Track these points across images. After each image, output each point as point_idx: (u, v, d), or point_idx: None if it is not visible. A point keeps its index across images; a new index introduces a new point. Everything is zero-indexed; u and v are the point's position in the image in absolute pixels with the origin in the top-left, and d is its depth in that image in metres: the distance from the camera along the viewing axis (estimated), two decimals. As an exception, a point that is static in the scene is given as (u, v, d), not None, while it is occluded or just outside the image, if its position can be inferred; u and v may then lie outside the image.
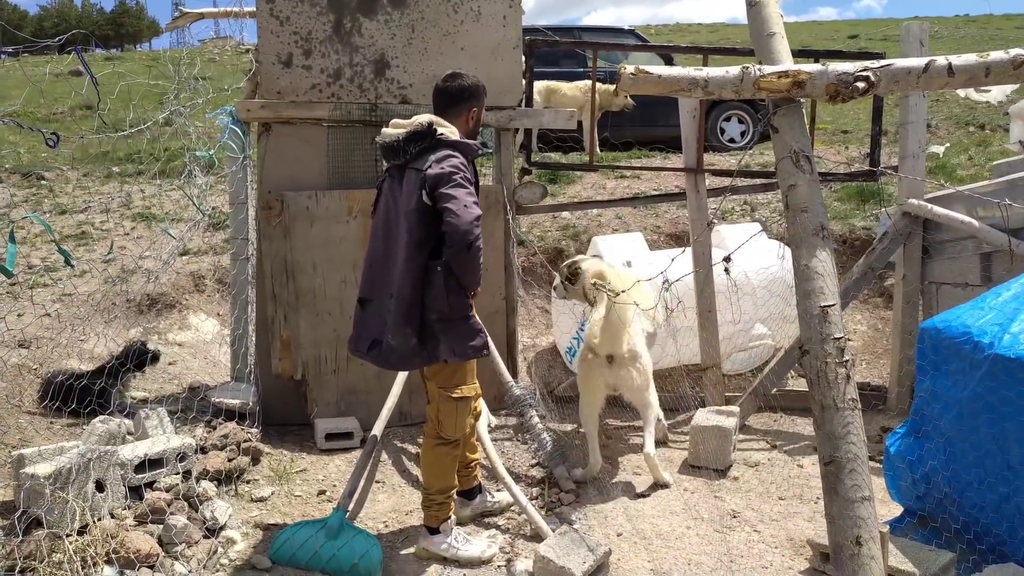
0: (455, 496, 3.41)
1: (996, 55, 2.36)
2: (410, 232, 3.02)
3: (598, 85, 6.21)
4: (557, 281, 4.30)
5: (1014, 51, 2.35)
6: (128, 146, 8.68)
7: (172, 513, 3.29)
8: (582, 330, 5.18)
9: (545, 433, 4.22)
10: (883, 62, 2.45)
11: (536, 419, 4.29)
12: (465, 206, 2.88)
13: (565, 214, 7.23)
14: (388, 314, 3.06)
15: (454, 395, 3.15)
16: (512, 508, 3.71)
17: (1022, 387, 2.85)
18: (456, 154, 3.03)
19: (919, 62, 2.41)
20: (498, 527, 3.60)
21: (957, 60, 2.39)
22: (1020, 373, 2.87)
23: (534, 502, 3.77)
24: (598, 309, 3.87)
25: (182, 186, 4.50)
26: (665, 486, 4.00)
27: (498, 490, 3.86)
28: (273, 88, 4.69)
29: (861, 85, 2.36)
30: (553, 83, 8.79)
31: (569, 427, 4.84)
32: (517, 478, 4.03)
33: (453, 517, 3.37)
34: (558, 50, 9.77)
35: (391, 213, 3.17)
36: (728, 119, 9.63)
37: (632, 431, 4.86)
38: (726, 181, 5.74)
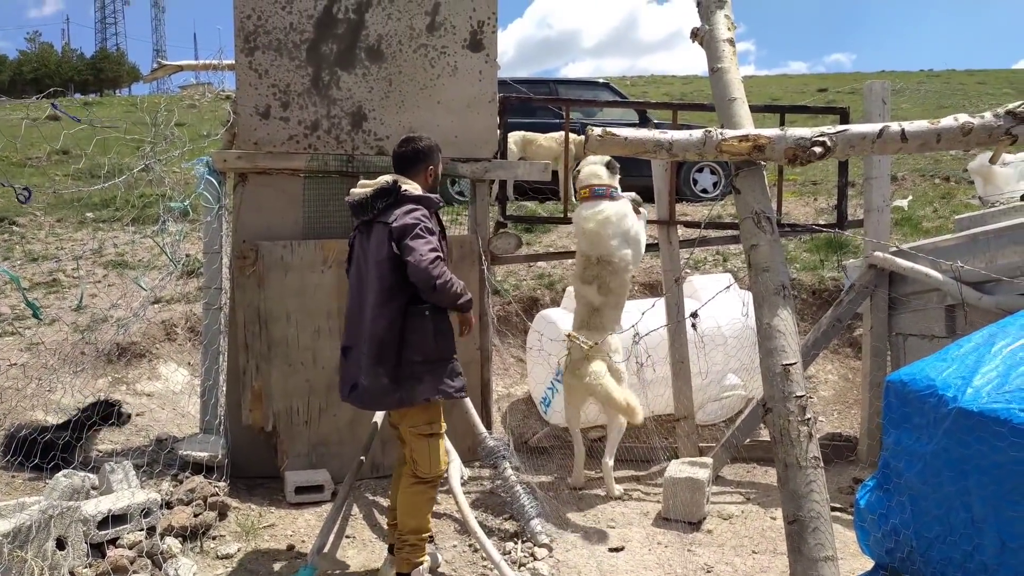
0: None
1: (946, 122, 2.46)
2: (381, 280, 3.24)
3: (572, 136, 6.33)
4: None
5: (962, 118, 2.46)
6: (104, 192, 8.65)
7: (135, 571, 3.22)
8: (557, 379, 5.20)
9: (519, 486, 4.19)
10: (839, 128, 2.54)
11: (510, 471, 4.26)
12: (421, 255, 3.13)
13: (541, 263, 7.29)
14: (362, 357, 3.25)
15: (425, 432, 3.29)
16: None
17: (984, 442, 2.90)
18: (419, 207, 3.29)
19: (873, 128, 2.51)
20: (469, 583, 3.55)
21: (910, 127, 2.49)
22: (982, 427, 2.91)
23: (507, 556, 3.72)
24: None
25: (154, 235, 4.49)
26: (614, 497, 4.48)
27: (469, 544, 3.81)
28: (250, 139, 4.73)
29: (818, 150, 2.45)
30: (529, 134, 8.95)
31: (544, 478, 4.81)
32: (489, 532, 3.98)
33: (426, 563, 3.40)
34: (532, 102, 9.95)
35: (362, 265, 3.39)
36: (700, 170, 9.82)
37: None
38: (699, 232, 5.86)
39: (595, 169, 4.75)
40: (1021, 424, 2.79)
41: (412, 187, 3.36)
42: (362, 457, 4.01)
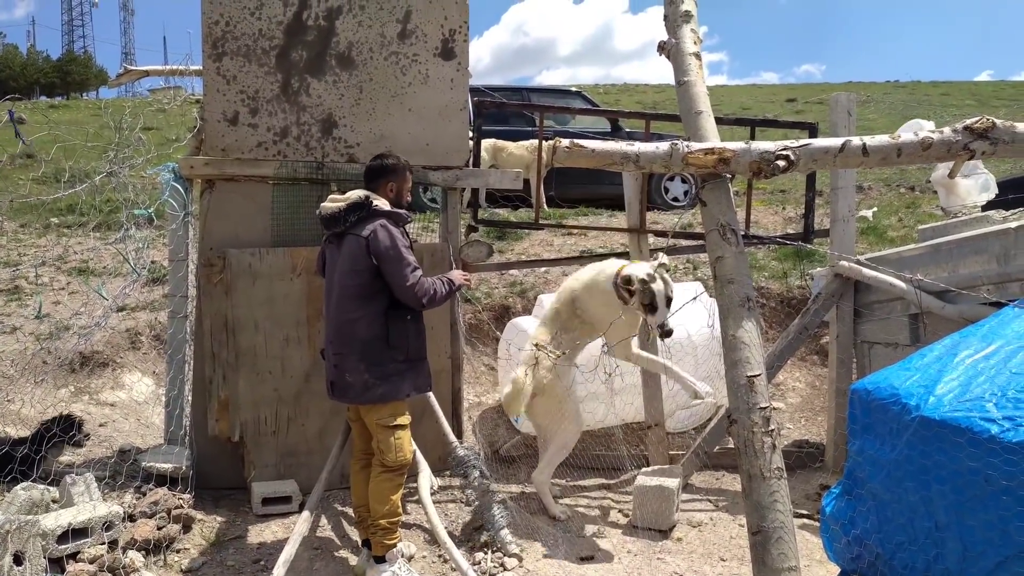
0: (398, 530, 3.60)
1: (907, 137, 2.51)
2: (360, 288, 3.49)
3: (545, 144, 6.34)
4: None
5: (923, 134, 2.51)
6: (68, 197, 8.49)
7: (95, 586, 3.14)
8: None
9: (489, 495, 4.17)
10: (802, 142, 2.58)
11: (480, 481, 4.24)
12: (407, 280, 3.43)
13: (513, 271, 7.29)
14: (341, 357, 3.51)
15: (390, 424, 3.51)
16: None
17: (947, 449, 2.94)
18: (389, 223, 3.52)
19: (836, 142, 2.54)
20: (439, 594, 3.52)
21: (871, 141, 2.53)
22: (945, 435, 2.96)
23: (476, 567, 3.70)
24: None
25: (117, 243, 4.41)
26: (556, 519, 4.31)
27: (439, 555, 3.78)
28: (218, 145, 4.68)
29: (782, 163, 2.48)
30: (501, 142, 8.96)
31: (515, 488, 4.80)
32: (459, 542, 3.96)
33: (400, 547, 3.58)
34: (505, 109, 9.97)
35: (336, 275, 3.59)
36: (672, 179, 9.90)
37: (578, 491, 4.85)
38: (669, 240, 5.91)
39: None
40: (981, 433, 2.84)
41: (382, 203, 3.59)
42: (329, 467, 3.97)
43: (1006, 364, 3.10)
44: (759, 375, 2.31)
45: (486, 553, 3.90)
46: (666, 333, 3.93)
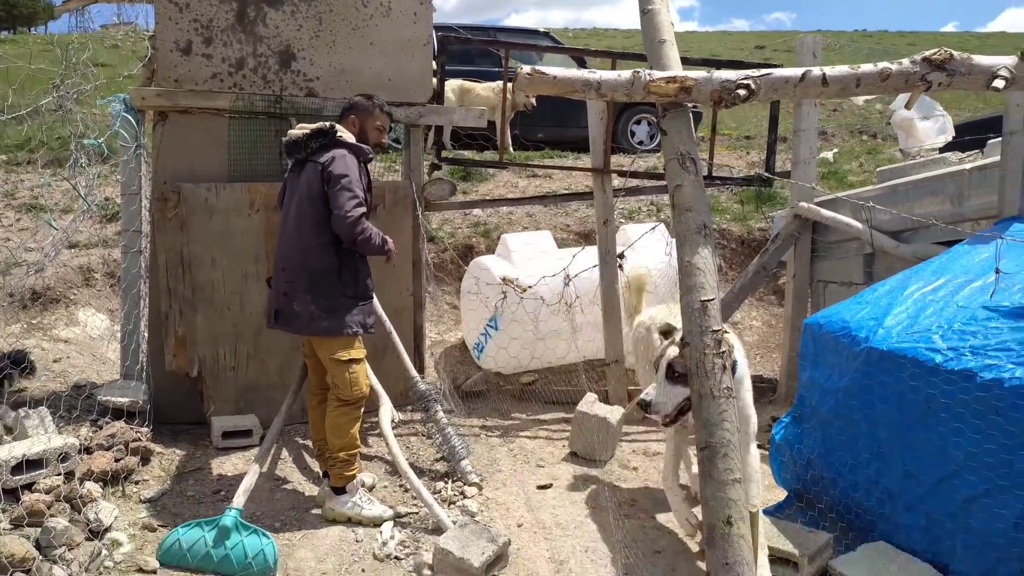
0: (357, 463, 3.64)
1: (866, 68, 2.52)
2: (315, 215, 3.46)
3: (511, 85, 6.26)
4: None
5: (881, 64, 2.52)
6: (18, 133, 8.19)
7: (52, 515, 3.13)
8: (491, 325, 5.23)
9: (449, 427, 4.23)
10: (763, 71, 2.57)
11: (441, 414, 4.29)
12: (346, 210, 3.36)
13: (476, 211, 7.26)
14: (291, 285, 3.50)
15: (343, 358, 3.50)
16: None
17: (893, 377, 3.05)
18: (349, 154, 3.49)
19: (796, 72, 2.55)
20: (400, 521, 3.58)
21: (831, 71, 2.54)
22: (891, 364, 3.06)
23: (437, 495, 3.77)
24: None
25: (68, 176, 4.28)
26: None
27: (400, 485, 3.84)
28: (171, 76, 4.52)
29: (742, 92, 2.48)
30: (468, 83, 8.82)
31: (475, 422, 4.86)
32: (421, 472, 4.02)
33: (359, 479, 3.64)
34: (473, 49, 9.80)
35: (293, 202, 3.58)
36: (638, 122, 9.86)
37: (539, 424, 4.93)
38: (634, 182, 5.90)
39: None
40: (926, 362, 2.94)
41: (347, 135, 3.58)
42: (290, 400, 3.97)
43: (953, 298, 3.20)
44: (712, 299, 2.35)
45: (447, 483, 3.97)
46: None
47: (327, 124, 3.56)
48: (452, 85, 8.60)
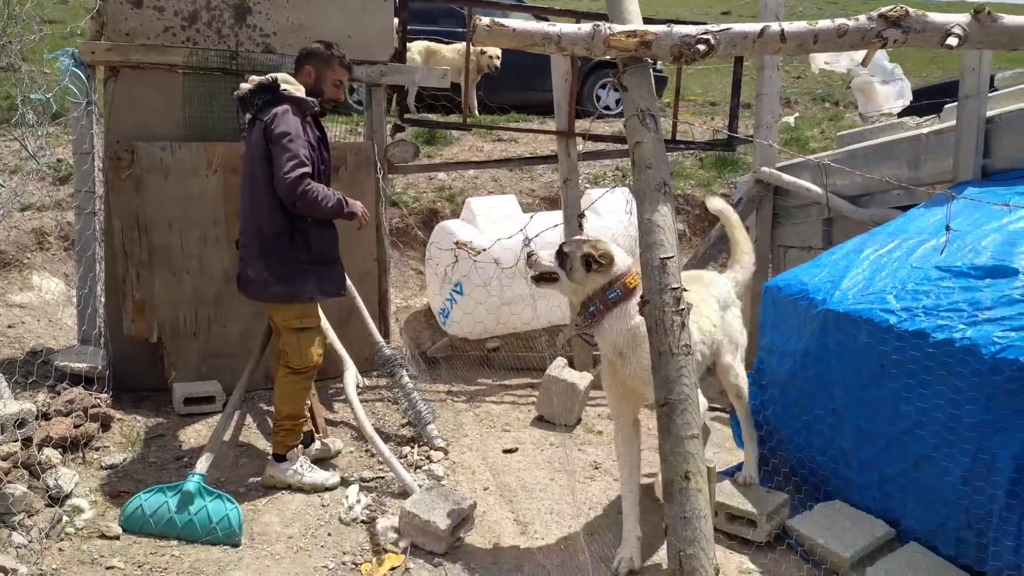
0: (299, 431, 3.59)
1: (823, 24, 2.55)
2: (264, 176, 3.30)
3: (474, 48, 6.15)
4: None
5: (839, 20, 2.54)
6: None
7: (10, 482, 3.07)
8: (455, 291, 5.21)
9: (415, 393, 4.23)
10: (722, 26, 2.57)
11: (407, 379, 4.29)
12: (284, 171, 3.16)
13: (441, 175, 7.18)
14: (246, 250, 3.42)
15: (296, 326, 3.42)
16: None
17: (848, 338, 3.13)
18: (293, 109, 3.29)
19: (755, 27, 2.55)
20: (365, 486, 3.59)
21: (789, 27, 2.56)
22: (847, 326, 3.14)
23: (403, 460, 3.78)
24: None
25: (15, 132, 4.12)
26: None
27: (366, 450, 3.84)
28: (121, 29, 4.35)
29: (702, 47, 2.48)
30: (433, 44, 8.66)
31: (441, 387, 4.87)
32: (387, 437, 4.02)
33: (300, 447, 3.59)
34: (436, 8, 9.60)
35: (247, 163, 3.46)
36: (604, 86, 9.81)
37: (504, 389, 4.96)
38: (600, 146, 5.89)
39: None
40: (881, 323, 3.01)
41: (294, 88, 3.37)
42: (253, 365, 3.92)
43: (907, 259, 3.27)
44: (672, 257, 2.37)
45: (412, 447, 3.99)
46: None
47: (270, 77, 3.34)
48: (418, 47, 8.43)
